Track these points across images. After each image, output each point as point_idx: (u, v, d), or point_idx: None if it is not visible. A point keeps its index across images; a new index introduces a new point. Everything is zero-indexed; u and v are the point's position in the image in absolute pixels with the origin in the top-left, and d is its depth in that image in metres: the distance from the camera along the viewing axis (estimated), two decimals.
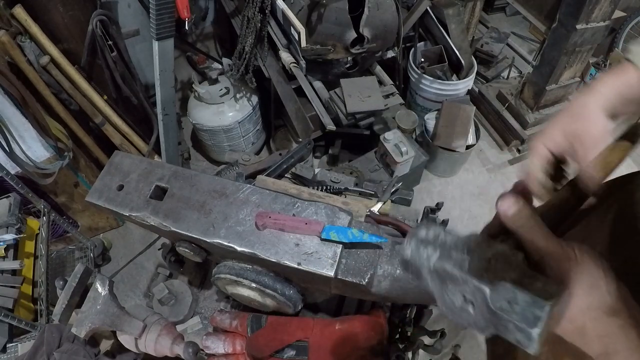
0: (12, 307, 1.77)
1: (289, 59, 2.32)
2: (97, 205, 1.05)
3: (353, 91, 2.41)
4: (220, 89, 2.65)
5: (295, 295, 1.06)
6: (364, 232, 0.91)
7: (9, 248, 1.86)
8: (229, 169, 1.40)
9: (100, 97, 2.38)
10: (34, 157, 2.12)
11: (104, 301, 1.05)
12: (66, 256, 2.51)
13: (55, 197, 2.40)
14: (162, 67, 2.26)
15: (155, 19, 2.04)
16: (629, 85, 0.59)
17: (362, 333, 1.10)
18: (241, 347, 1.15)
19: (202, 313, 1.42)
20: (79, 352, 1.16)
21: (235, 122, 2.75)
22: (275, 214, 0.96)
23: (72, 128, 2.37)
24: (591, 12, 2.55)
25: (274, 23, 2.38)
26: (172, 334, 1.12)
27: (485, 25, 4.01)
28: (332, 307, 1.25)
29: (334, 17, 2.16)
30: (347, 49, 2.25)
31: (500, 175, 3.17)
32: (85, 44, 2.24)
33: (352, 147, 2.92)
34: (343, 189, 1.32)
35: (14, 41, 1.97)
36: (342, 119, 2.41)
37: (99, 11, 2.19)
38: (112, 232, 2.86)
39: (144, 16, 2.70)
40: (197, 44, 3.51)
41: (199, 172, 1.07)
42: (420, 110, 3.12)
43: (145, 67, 2.96)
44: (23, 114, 1.97)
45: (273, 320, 1.15)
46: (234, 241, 0.95)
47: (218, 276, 1.06)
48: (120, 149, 2.53)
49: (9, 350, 1.81)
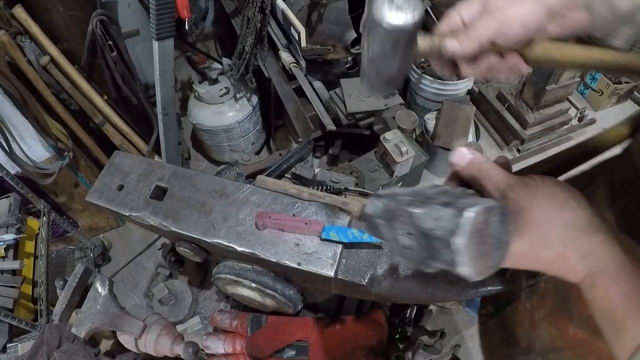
0: (12, 307, 1.76)
1: (289, 59, 2.32)
2: (97, 205, 1.05)
3: (353, 91, 2.41)
4: (220, 89, 2.65)
5: (295, 295, 1.06)
6: (364, 232, 0.91)
7: (9, 248, 1.86)
8: (229, 169, 1.40)
9: (100, 97, 2.38)
10: (34, 157, 2.11)
11: (104, 301, 1.05)
12: (66, 256, 2.51)
13: (55, 197, 2.40)
14: (162, 67, 2.26)
15: (155, 19, 2.04)
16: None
17: (362, 333, 1.10)
18: (241, 347, 1.15)
19: (202, 313, 1.42)
20: (79, 352, 1.16)
21: (235, 122, 2.75)
22: (275, 214, 0.96)
23: (72, 128, 2.37)
24: None
25: (274, 23, 2.37)
26: (172, 334, 1.12)
27: None
28: (332, 307, 1.25)
29: (334, 17, 2.16)
30: (347, 49, 2.25)
31: None
32: (85, 44, 2.23)
33: (352, 147, 2.92)
34: (343, 189, 1.32)
35: (14, 41, 1.97)
36: (342, 119, 2.41)
37: (99, 11, 2.19)
38: (112, 232, 2.86)
39: (144, 16, 2.70)
40: (197, 44, 3.51)
41: (199, 172, 1.07)
42: (420, 110, 3.12)
43: (145, 67, 2.96)
44: (23, 114, 1.97)
45: (273, 320, 1.15)
46: (234, 241, 0.95)
47: (218, 276, 1.06)
48: (120, 149, 2.53)
49: (9, 350, 1.81)
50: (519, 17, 0.52)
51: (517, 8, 0.52)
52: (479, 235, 0.42)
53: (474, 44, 0.53)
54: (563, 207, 0.46)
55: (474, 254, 0.43)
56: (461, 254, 0.42)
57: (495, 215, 0.44)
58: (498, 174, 0.49)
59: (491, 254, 0.45)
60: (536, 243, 0.46)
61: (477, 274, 0.44)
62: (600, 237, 0.45)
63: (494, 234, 0.44)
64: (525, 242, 0.46)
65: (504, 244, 0.45)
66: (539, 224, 0.45)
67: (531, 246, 0.46)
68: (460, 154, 0.52)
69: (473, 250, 0.42)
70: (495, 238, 0.44)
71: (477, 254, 0.43)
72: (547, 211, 0.46)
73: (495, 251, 0.45)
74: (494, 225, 0.44)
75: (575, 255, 0.44)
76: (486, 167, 0.50)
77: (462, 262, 0.42)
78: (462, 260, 0.42)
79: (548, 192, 0.47)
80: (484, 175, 0.50)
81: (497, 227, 0.44)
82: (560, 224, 0.45)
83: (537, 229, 0.45)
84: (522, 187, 0.47)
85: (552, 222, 0.45)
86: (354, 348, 1.08)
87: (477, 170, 0.50)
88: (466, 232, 0.42)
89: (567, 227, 0.45)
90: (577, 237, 0.45)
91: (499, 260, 0.46)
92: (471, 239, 0.42)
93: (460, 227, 0.42)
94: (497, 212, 0.44)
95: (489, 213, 0.43)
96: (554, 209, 0.46)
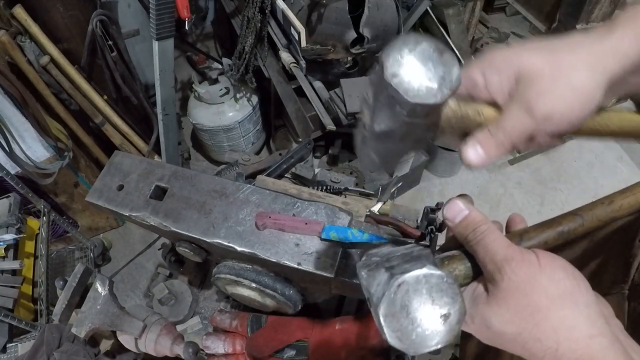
0: (12, 307, 1.76)
1: (289, 59, 2.31)
2: (97, 205, 1.05)
3: (353, 91, 2.40)
4: (220, 89, 2.65)
5: (295, 295, 1.06)
6: (364, 232, 0.91)
7: (9, 248, 1.86)
8: (229, 169, 1.40)
9: (100, 97, 2.38)
10: (34, 157, 2.11)
11: (104, 301, 1.05)
12: (66, 256, 2.51)
13: (55, 197, 2.40)
14: (162, 67, 2.26)
15: (155, 19, 2.04)
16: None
17: (362, 333, 1.10)
18: (241, 347, 1.15)
19: (202, 313, 1.42)
20: (79, 352, 1.15)
21: (235, 122, 2.75)
22: (275, 214, 0.96)
23: (72, 128, 2.37)
24: (591, 12, 2.55)
25: (274, 23, 2.37)
26: (172, 334, 1.12)
27: (485, 25, 4.01)
28: (332, 307, 1.25)
29: (334, 17, 2.15)
30: (347, 49, 2.25)
31: (501, 175, 3.17)
32: (85, 44, 2.23)
33: (352, 147, 2.91)
34: (343, 189, 1.32)
35: (14, 41, 1.97)
36: (342, 119, 2.41)
37: (99, 11, 2.19)
38: (112, 232, 2.86)
39: (144, 16, 2.70)
40: (197, 44, 3.51)
41: (199, 172, 1.07)
42: None
43: (145, 67, 2.96)
44: (23, 114, 1.97)
45: (273, 320, 1.15)
46: (234, 241, 0.95)
47: (218, 276, 1.06)
48: (120, 149, 2.53)
49: (9, 350, 1.81)
50: (569, 105, 0.40)
51: (565, 89, 0.40)
52: (405, 308, 0.38)
53: (502, 150, 0.44)
54: (564, 298, 0.39)
55: (401, 328, 0.38)
56: (384, 325, 0.38)
57: (435, 288, 0.38)
58: (496, 240, 0.42)
59: (429, 330, 0.38)
60: (526, 332, 0.40)
61: (407, 349, 0.39)
62: (604, 342, 0.38)
63: (432, 308, 0.38)
64: (515, 328, 0.41)
65: (448, 320, 0.39)
66: (533, 312, 0.40)
67: (520, 334, 0.40)
68: (456, 208, 0.45)
69: (399, 324, 0.38)
70: (432, 313, 0.38)
71: (405, 328, 0.38)
72: (545, 300, 0.39)
73: (436, 327, 0.38)
74: (433, 299, 0.38)
75: (571, 357, 0.38)
76: (482, 230, 0.43)
77: (388, 335, 0.38)
78: (387, 332, 0.38)
79: (551, 278, 0.40)
80: (479, 241, 0.43)
81: (438, 302, 0.38)
82: (557, 317, 0.39)
83: (530, 317, 0.40)
84: (522, 264, 0.41)
85: (548, 313, 0.39)
86: (354, 348, 1.08)
87: (471, 231, 0.44)
88: (388, 303, 0.38)
89: (565, 323, 0.39)
90: (575, 339, 0.38)
91: (440, 337, 0.39)
92: (394, 311, 0.38)
93: (384, 297, 0.38)
94: (438, 284, 0.39)
95: (423, 284, 0.38)
96: (553, 298, 0.39)
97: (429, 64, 0.38)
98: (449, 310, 0.38)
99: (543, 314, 0.39)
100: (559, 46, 0.42)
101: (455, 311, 0.39)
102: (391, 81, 0.38)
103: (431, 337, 0.38)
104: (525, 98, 0.41)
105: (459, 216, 0.44)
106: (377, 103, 0.42)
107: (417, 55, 0.39)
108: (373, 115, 0.44)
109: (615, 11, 2.63)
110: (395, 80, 0.38)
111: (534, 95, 0.41)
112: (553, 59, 0.40)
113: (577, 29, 2.56)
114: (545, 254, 0.42)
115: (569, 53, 0.41)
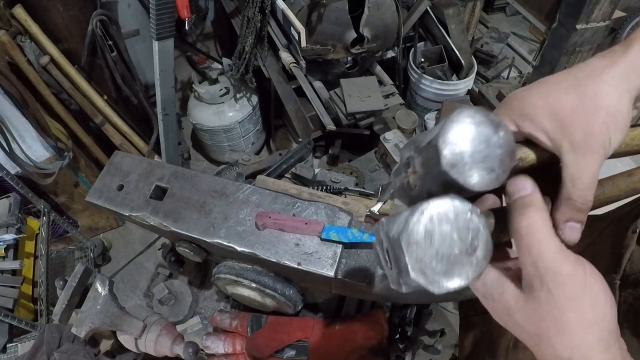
0: (12, 307, 1.77)
1: (289, 59, 2.32)
2: (97, 205, 1.05)
3: (353, 91, 2.41)
4: (220, 89, 2.65)
5: (295, 295, 1.06)
6: (364, 232, 0.91)
7: (9, 248, 1.86)
8: (229, 169, 1.40)
9: (100, 97, 2.38)
10: (34, 157, 2.11)
11: (104, 301, 1.05)
12: (66, 256, 2.51)
13: (55, 197, 2.40)
14: (162, 67, 2.26)
15: (155, 19, 2.04)
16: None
17: (362, 333, 1.10)
18: (241, 347, 1.15)
19: (202, 313, 1.42)
20: (79, 352, 1.16)
21: (235, 122, 2.75)
22: (275, 214, 0.96)
23: (72, 128, 2.37)
24: (591, 12, 2.55)
25: (274, 23, 2.37)
26: (172, 334, 1.12)
27: (485, 25, 4.01)
28: (332, 307, 1.25)
29: (334, 17, 2.16)
30: (347, 49, 2.25)
31: None
32: (85, 44, 2.24)
33: (352, 147, 2.92)
34: (343, 189, 1.32)
35: (14, 41, 1.97)
36: (342, 119, 2.41)
37: (99, 11, 2.19)
38: (112, 232, 2.86)
39: (144, 16, 2.70)
40: (197, 44, 3.51)
41: (199, 172, 1.07)
42: (420, 110, 3.12)
43: (145, 67, 2.96)
44: (23, 114, 1.97)
45: (273, 320, 1.15)
46: (234, 241, 0.95)
47: (218, 276, 1.06)
48: (120, 149, 2.53)
49: (9, 350, 1.81)
50: (612, 130, 0.39)
51: (604, 117, 0.39)
52: (430, 237, 0.36)
53: (588, 208, 0.42)
54: (596, 325, 0.38)
55: (425, 258, 0.36)
56: (406, 255, 0.36)
57: (460, 219, 0.37)
58: (543, 241, 0.38)
59: (453, 263, 0.37)
60: (546, 339, 0.40)
61: (430, 283, 0.37)
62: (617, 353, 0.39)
63: (457, 238, 0.37)
64: (536, 330, 0.40)
65: (474, 253, 0.37)
66: (561, 326, 0.38)
67: (538, 335, 0.40)
68: (520, 185, 0.41)
69: (422, 252, 0.36)
70: (457, 244, 0.37)
71: (429, 259, 0.37)
72: (578, 323, 0.38)
73: (461, 260, 0.37)
74: (458, 229, 0.37)
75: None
76: (530, 222, 0.39)
77: (411, 266, 0.36)
78: (409, 262, 0.36)
79: (593, 302, 0.39)
80: (524, 235, 0.39)
81: (463, 233, 0.37)
82: (580, 339, 0.38)
83: (556, 330, 0.39)
84: (568, 280, 0.38)
85: (575, 335, 0.38)
86: (354, 348, 1.08)
87: (520, 214, 0.40)
88: (411, 230, 0.36)
89: (585, 345, 0.38)
90: (592, 348, 0.38)
91: (466, 272, 0.37)
92: (417, 239, 0.36)
93: (407, 225, 0.36)
94: (463, 215, 0.37)
95: (448, 214, 0.37)
96: (586, 324, 0.38)
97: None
98: (475, 242, 0.37)
99: (569, 333, 0.38)
100: (581, 76, 0.42)
101: (483, 244, 0.37)
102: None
103: (457, 271, 0.37)
104: (576, 140, 0.40)
105: (518, 193, 0.41)
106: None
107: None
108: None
109: (614, 11, 2.63)
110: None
111: (582, 134, 0.40)
112: (581, 92, 0.41)
113: (577, 29, 2.56)
114: (594, 271, 0.40)
115: (593, 81, 0.41)
